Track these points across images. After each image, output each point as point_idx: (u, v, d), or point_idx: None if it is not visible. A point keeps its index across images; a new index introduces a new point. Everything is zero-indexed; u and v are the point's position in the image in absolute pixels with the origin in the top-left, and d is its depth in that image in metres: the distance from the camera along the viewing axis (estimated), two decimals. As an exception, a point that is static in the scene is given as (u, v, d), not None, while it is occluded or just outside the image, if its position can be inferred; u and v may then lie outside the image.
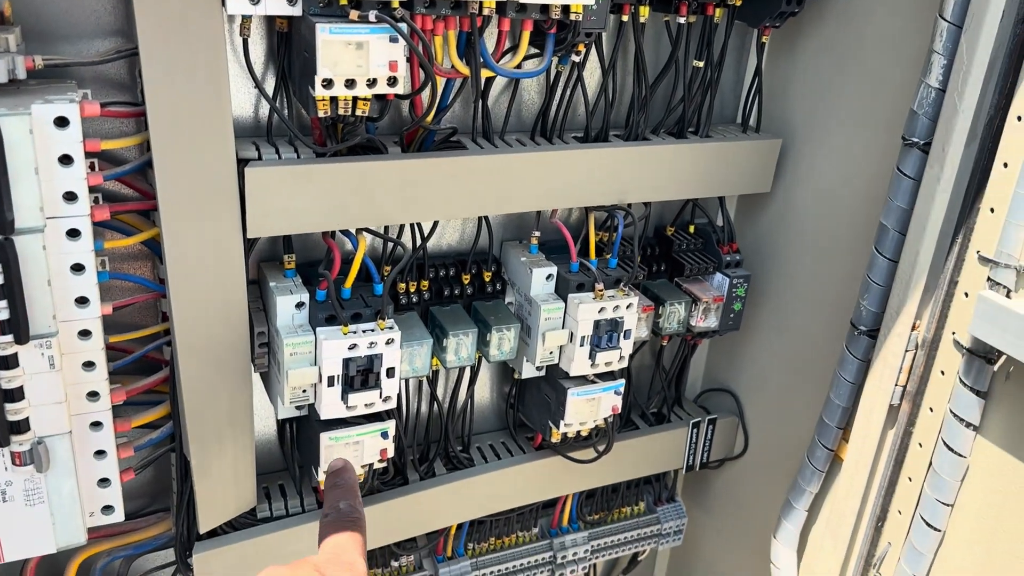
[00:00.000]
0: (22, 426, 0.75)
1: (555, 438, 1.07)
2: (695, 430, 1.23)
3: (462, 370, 1.07)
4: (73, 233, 0.73)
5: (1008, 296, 0.83)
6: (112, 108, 0.77)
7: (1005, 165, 0.83)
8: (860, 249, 1.00)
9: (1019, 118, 0.81)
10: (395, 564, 1.13)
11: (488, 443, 1.15)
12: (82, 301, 0.75)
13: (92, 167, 0.78)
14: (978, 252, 0.86)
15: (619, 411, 1.06)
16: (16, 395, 0.73)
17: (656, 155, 1.01)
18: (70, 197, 0.72)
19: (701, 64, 1.01)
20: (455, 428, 1.10)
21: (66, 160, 0.71)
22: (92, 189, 0.74)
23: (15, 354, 0.72)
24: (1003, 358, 0.86)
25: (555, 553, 1.21)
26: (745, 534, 1.26)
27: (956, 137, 0.86)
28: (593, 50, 0.95)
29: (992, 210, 0.85)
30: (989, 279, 0.85)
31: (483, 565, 1.17)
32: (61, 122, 0.70)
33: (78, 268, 0.74)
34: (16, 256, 0.69)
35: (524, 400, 1.13)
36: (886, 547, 1.01)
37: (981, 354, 0.87)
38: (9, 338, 0.71)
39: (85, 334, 0.77)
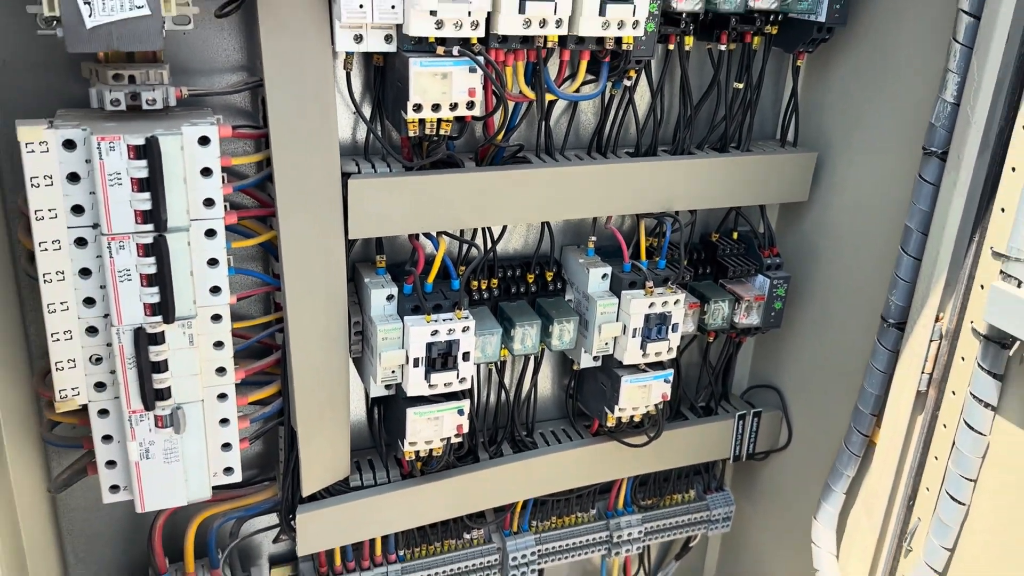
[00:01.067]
0: (165, 394, 0.89)
1: (610, 423, 1.18)
2: (741, 422, 1.33)
3: (527, 361, 1.19)
4: (210, 233, 0.88)
5: (1019, 287, 0.92)
6: (240, 130, 0.92)
7: (1013, 169, 0.92)
8: (889, 250, 1.09)
9: (1022, 126, 0.91)
10: (467, 536, 1.25)
11: (550, 429, 1.26)
12: (215, 290, 0.90)
13: (223, 180, 0.93)
14: (992, 248, 0.95)
15: (668, 398, 1.17)
16: (161, 367, 0.88)
17: (700, 168, 1.12)
18: (209, 203, 0.87)
19: (741, 86, 1.13)
20: (520, 415, 1.22)
21: (207, 172, 0.85)
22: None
23: (163, 332, 0.87)
24: (1017, 344, 0.95)
25: (611, 532, 1.32)
26: (790, 521, 1.34)
27: (970, 146, 0.96)
28: (643, 75, 1.08)
29: (1003, 210, 0.94)
30: (1002, 272, 0.94)
31: (546, 540, 1.28)
32: (204, 141, 0.84)
33: (213, 262, 0.89)
34: (168, 250, 0.84)
35: (582, 389, 1.24)
36: (916, 522, 1.09)
37: (997, 340, 0.96)
38: (158, 319, 0.86)
39: (217, 318, 0.91)
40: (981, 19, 0.93)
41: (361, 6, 0.85)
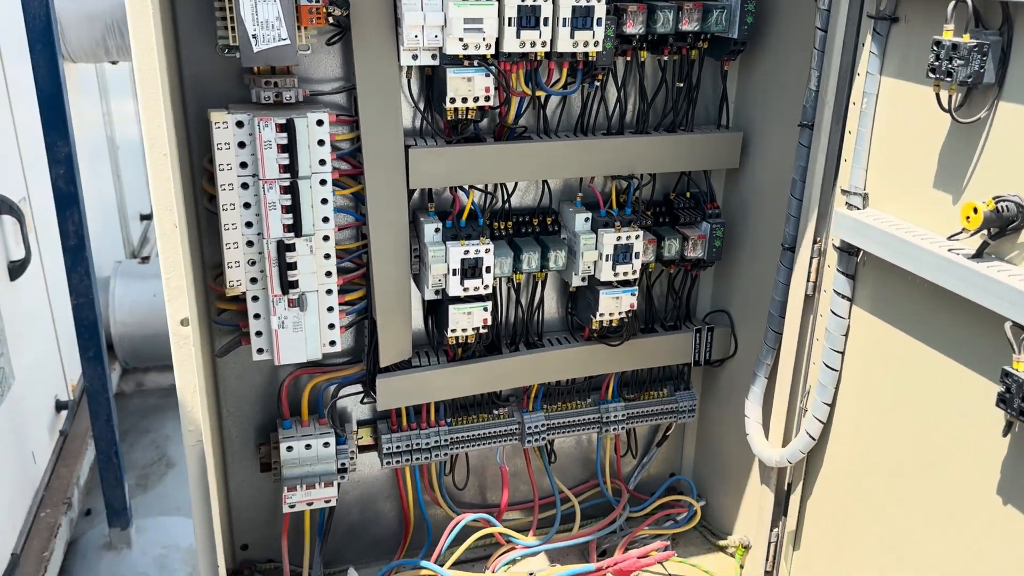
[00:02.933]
0: (295, 284, 1.36)
1: (595, 326, 1.61)
2: (699, 335, 1.73)
3: (535, 283, 1.63)
4: (323, 182, 1.34)
5: (856, 211, 1.32)
6: (340, 117, 1.40)
7: (849, 132, 1.33)
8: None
9: (854, 103, 1.31)
10: (496, 412, 1.68)
11: (554, 336, 1.70)
12: (325, 219, 1.36)
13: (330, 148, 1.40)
14: (841, 188, 1.36)
15: (635, 307, 1.59)
16: (293, 267, 1.35)
17: (655, 143, 1.55)
18: (322, 163, 1.33)
19: (682, 84, 1.56)
20: (532, 324, 1.66)
21: (320, 143, 1.32)
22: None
23: (295, 243, 1.34)
24: (860, 252, 1.35)
25: (602, 415, 1.74)
26: (738, 410, 1.73)
27: (826, 119, 1.36)
28: (609, 78, 1.52)
29: (846, 160, 1.34)
30: (846, 203, 1.34)
31: (553, 417, 1.70)
32: (319, 123, 1.31)
33: (324, 201, 1.35)
34: (298, 190, 1.31)
35: (576, 306, 1.67)
36: (808, 388, 1.49)
37: (847, 250, 1.36)
38: (292, 234, 1.33)
39: (326, 239, 1.37)
40: (827, 32, 1.34)
41: (416, 36, 1.32)
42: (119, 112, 5.08)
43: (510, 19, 1.32)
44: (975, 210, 1.04)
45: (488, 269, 1.46)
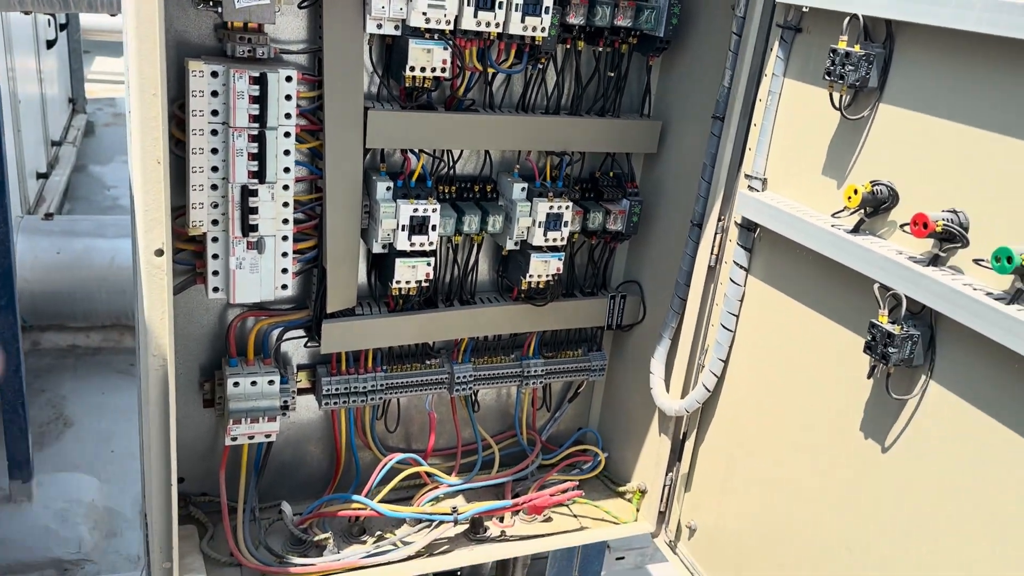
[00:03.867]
0: (255, 228, 1.44)
1: (524, 286, 1.76)
2: (612, 302, 1.91)
3: (471, 245, 1.76)
4: (287, 134, 1.43)
5: (757, 191, 1.52)
6: (306, 75, 1.49)
7: (755, 125, 1.53)
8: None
9: (760, 100, 1.52)
10: (428, 362, 1.81)
11: (486, 296, 1.84)
12: (287, 170, 1.45)
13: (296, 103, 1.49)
14: (745, 173, 1.56)
15: (561, 271, 1.75)
16: (255, 211, 1.43)
17: (586, 124, 1.71)
18: (287, 116, 1.42)
19: (612, 74, 1.73)
20: (467, 283, 1.79)
21: (288, 98, 1.40)
22: (296, 114, 1.45)
23: (257, 189, 1.42)
24: (758, 229, 1.55)
25: (523, 370, 1.89)
26: (644, 371, 1.93)
27: (735, 112, 1.56)
28: (551, 63, 1.67)
29: (750, 149, 1.54)
30: (749, 186, 1.55)
31: (480, 369, 1.84)
32: (288, 79, 1.40)
33: (287, 152, 1.43)
34: (265, 140, 1.39)
35: (507, 269, 1.82)
36: (706, 347, 1.70)
37: (746, 226, 1.56)
38: (256, 180, 1.41)
39: (286, 188, 1.46)
40: (741, 36, 1.54)
41: (383, 7, 1.42)
42: (22, 68, 4.87)
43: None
44: (856, 191, 1.25)
45: (434, 227, 1.58)
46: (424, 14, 1.43)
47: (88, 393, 4.16)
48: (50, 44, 6.10)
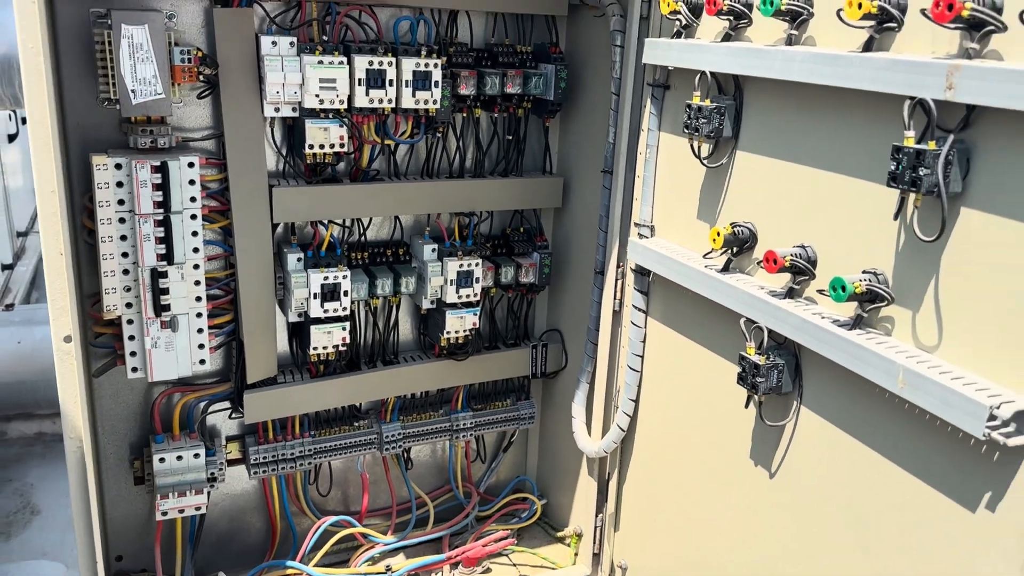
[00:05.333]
0: (167, 307, 1.50)
1: (443, 343, 1.82)
2: (535, 351, 1.98)
3: (390, 307, 1.83)
4: (193, 216, 1.50)
5: (645, 239, 1.61)
6: (210, 160, 1.56)
7: (639, 176, 1.62)
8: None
9: (641, 153, 1.61)
10: (356, 424, 1.86)
11: (409, 354, 1.90)
12: (196, 250, 1.51)
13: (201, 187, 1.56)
14: (635, 222, 1.65)
15: (477, 326, 1.81)
16: (166, 291, 1.49)
17: (490, 185, 1.80)
18: (192, 200, 1.49)
19: (511, 137, 1.82)
20: (388, 344, 1.85)
21: (191, 183, 1.48)
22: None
23: (167, 271, 1.48)
24: (651, 273, 1.63)
25: (452, 424, 1.94)
26: (570, 415, 1.98)
27: (620, 166, 1.65)
28: (450, 130, 1.76)
29: (637, 199, 1.63)
30: (639, 234, 1.63)
31: (408, 427, 1.89)
32: (191, 165, 1.48)
33: (195, 233, 1.50)
34: (171, 223, 1.46)
35: (427, 326, 1.88)
36: (618, 389, 1.76)
37: (640, 271, 1.64)
38: (165, 263, 1.48)
39: (196, 267, 1.52)
40: (619, 95, 1.64)
41: (277, 92, 1.51)
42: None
43: (360, 80, 1.54)
44: (718, 234, 1.33)
45: (346, 293, 1.65)
46: (317, 95, 1.52)
47: (56, 479, 4.14)
48: (11, 138, 6.21)
